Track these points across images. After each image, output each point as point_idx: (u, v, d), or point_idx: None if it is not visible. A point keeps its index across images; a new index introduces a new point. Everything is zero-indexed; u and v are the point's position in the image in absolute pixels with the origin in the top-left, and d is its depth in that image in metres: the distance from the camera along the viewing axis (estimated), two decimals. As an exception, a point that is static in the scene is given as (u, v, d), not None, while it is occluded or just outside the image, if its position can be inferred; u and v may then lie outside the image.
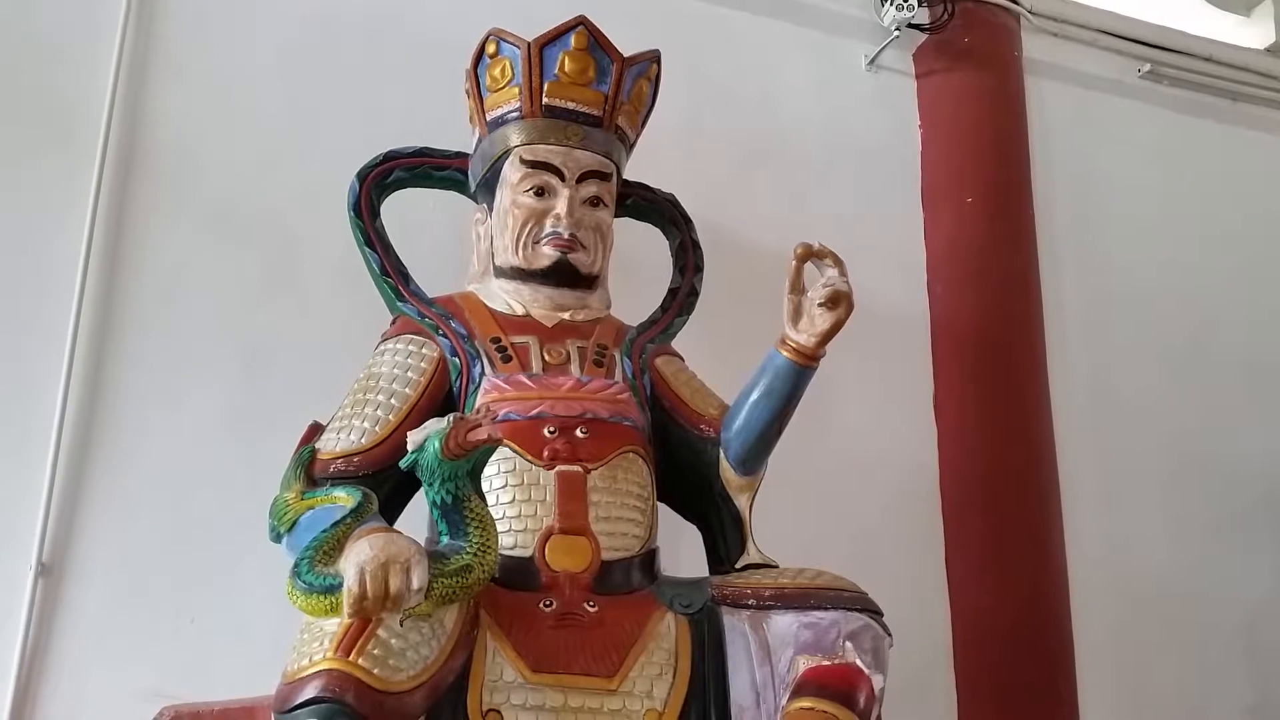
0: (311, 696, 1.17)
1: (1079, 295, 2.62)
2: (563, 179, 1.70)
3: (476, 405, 1.56)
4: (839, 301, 1.51)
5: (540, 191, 1.70)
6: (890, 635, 1.46)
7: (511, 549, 1.47)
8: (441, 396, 1.59)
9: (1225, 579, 2.64)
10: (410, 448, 1.33)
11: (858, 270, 1.57)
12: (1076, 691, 2.32)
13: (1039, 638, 2.29)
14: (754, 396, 1.59)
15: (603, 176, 1.74)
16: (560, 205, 1.69)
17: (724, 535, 1.68)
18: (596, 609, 1.45)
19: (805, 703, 1.36)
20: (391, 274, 1.75)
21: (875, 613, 1.47)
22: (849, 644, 1.40)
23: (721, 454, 1.65)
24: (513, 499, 1.50)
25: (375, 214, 1.79)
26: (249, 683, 1.41)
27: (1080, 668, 2.34)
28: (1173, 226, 2.82)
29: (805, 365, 1.55)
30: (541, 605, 1.44)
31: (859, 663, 1.39)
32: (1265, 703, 2.59)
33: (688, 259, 1.93)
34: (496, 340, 1.65)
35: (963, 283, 2.43)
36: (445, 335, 1.65)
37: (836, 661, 1.39)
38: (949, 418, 2.39)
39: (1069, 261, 2.63)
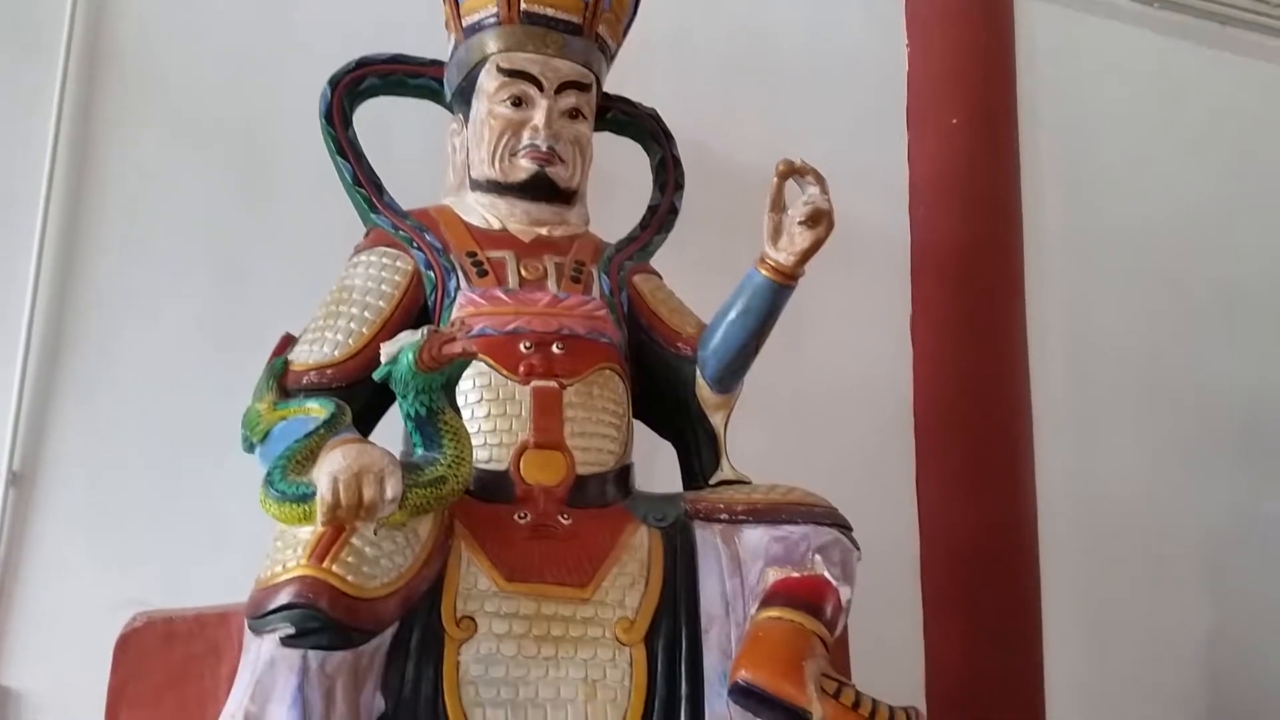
0: (285, 602, 1.19)
1: (1059, 220, 2.62)
2: (541, 89, 1.66)
3: (451, 319, 1.54)
4: (819, 220, 1.49)
5: (517, 102, 1.66)
6: (858, 549, 1.49)
7: (487, 462, 1.48)
8: (416, 310, 1.58)
9: (1191, 505, 2.69)
10: (383, 360, 1.32)
11: (840, 190, 1.55)
12: (1041, 611, 2.38)
13: (1006, 558, 2.34)
14: (731, 315, 1.59)
15: (582, 87, 1.70)
16: (538, 116, 1.66)
17: (699, 452, 1.68)
18: (570, 521, 1.47)
19: (774, 612, 1.39)
20: (364, 184, 1.72)
21: (844, 527, 1.49)
22: (818, 557, 1.43)
23: (698, 372, 1.65)
24: (488, 413, 1.50)
25: (348, 122, 1.75)
26: (225, 592, 1.41)
27: (1045, 588, 2.40)
28: (1157, 152, 2.80)
29: (784, 284, 1.55)
30: (516, 517, 1.45)
31: (827, 575, 1.42)
32: (1225, 625, 2.67)
33: (668, 176, 1.90)
34: (472, 255, 1.63)
35: (945, 205, 2.41)
36: (420, 248, 1.62)
37: (805, 574, 1.42)
38: (925, 340, 2.40)
39: (1051, 185, 2.61)
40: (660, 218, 1.87)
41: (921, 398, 2.38)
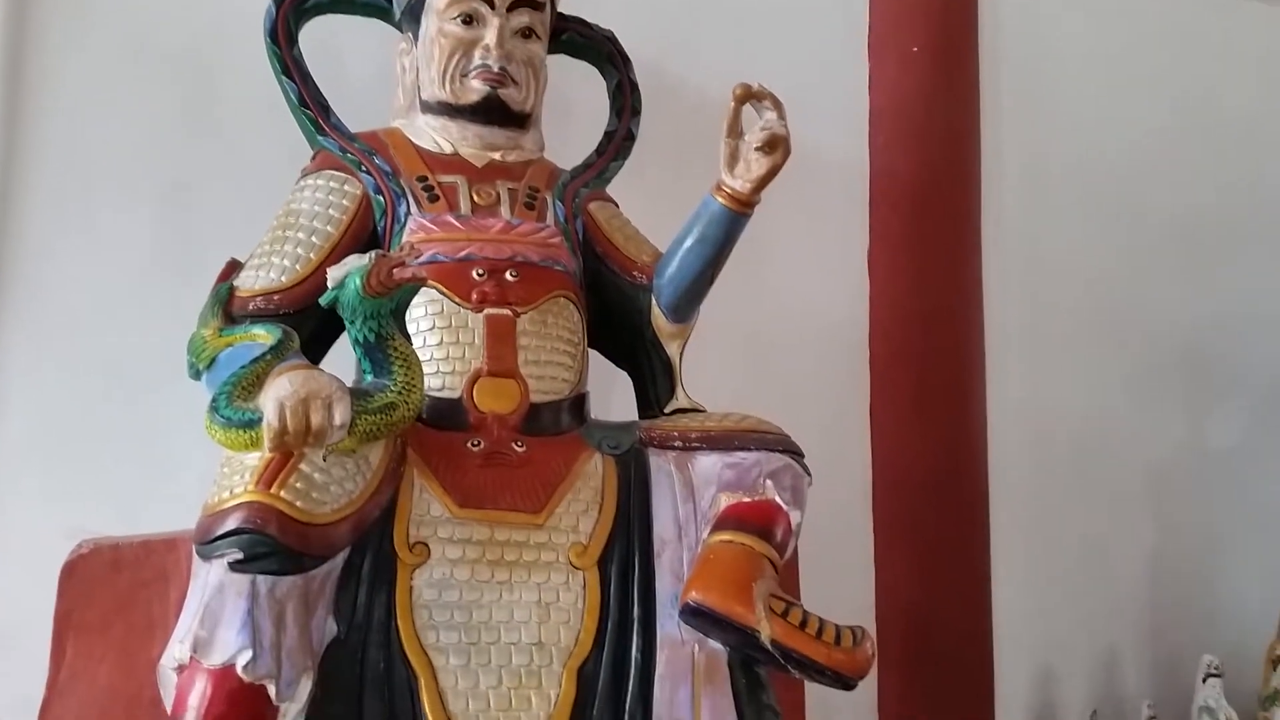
0: (233, 528, 1.18)
1: (1017, 150, 2.60)
2: (492, 6, 1.61)
3: (401, 243, 1.52)
4: (776, 146, 1.48)
5: (468, 19, 1.61)
6: (809, 475, 1.51)
7: (439, 390, 1.47)
8: (365, 236, 1.55)
9: (1137, 435, 2.75)
10: (330, 284, 1.29)
11: (800, 118, 1.53)
12: (989, 536, 2.44)
13: (956, 484, 2.38)
14: (687, 243, 1.58)
15: (535, 5, 1.65)
16: (490, 35, 1.61)
17: (654, 381, 1.68)
18: (525, 449, 1.46)
19: (725, 536, 1.40)
20: (311, 105, 1.67)
21: (796, 453, 1.50)
22: (769, 482, 1.44)
23: (653, 301, 1.64)
24: (440, 341, 1.49)
25: (293, 41, 1.69)
26: (176, 520, 1.40)
27: (994, 514, 2.45)
28: (1116, 82, 2.78)
29: (740, 212, 1.53)
30: (469, 445, 1.45)
31: (778, 499, 1.43)
32: (1166, 550, 2.75)
33: (625, 101, 1.86)
34: (423, 179, 1.59)
35: (904, 135, 2.39)
36: (369, 172, 1.59)
37: (756, 498, 1.43)
38: (882, 270, 2.39)
39: (1010, 115, 2.59)
40: (617, 144, 1.84)
41: (877, 327, 2.39)
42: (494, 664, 1.31)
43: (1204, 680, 2.22)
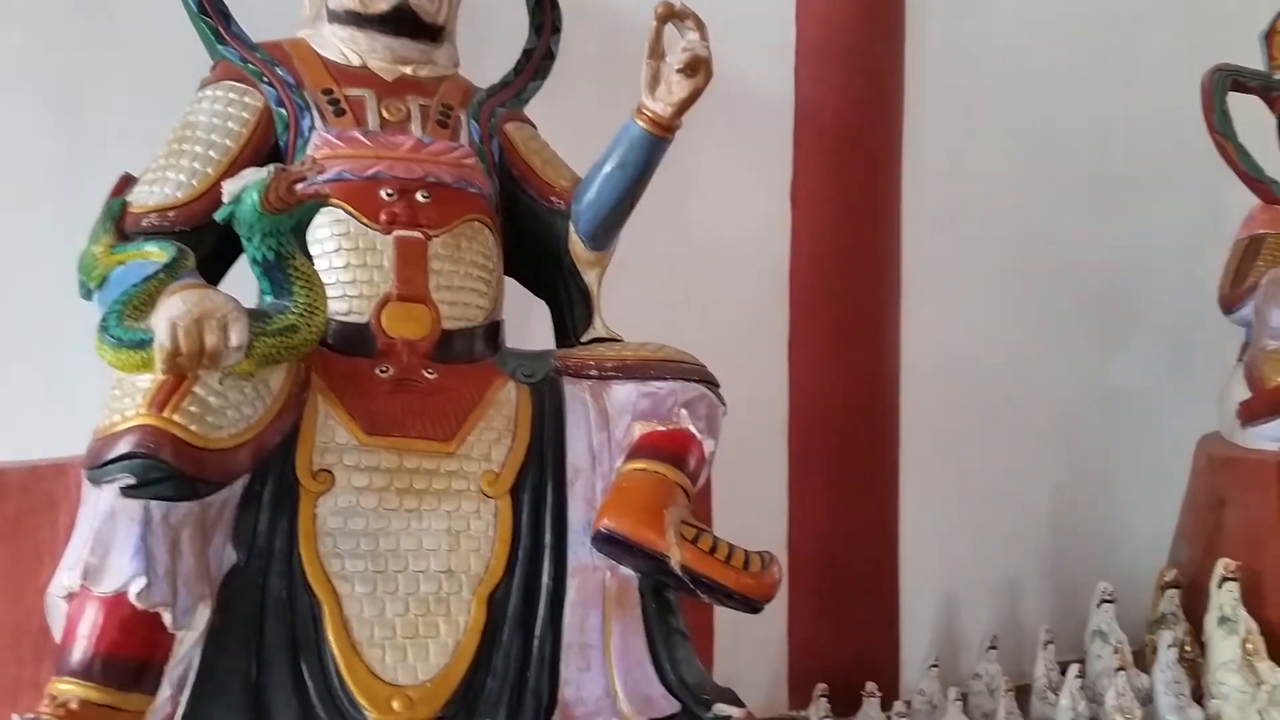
0: (125, 452, 1.14)
1: (941, 87, 2.60)
2: (403, -90, 1.54)
3: (303, 158, 1.45)
4: (698, 68, 1.44)
5: (378, -76, 1.54)
6: (724, 404, 1.51)
7: (346, 315, 1.43)
8: (266, 150, 1.48)
9: (1045, 373, 2.82)
10: (226, 199, 1.24)
11: (726, 48, 1.50)
12: (899, 467, 2.49)
13: (868, 417, 2.41)
14: (607, 168, 1.54)
15: (449, -88, 1.59)
16: (400, -59, 1.54)
17: (571, 310, 1.67)
18: (435, 376, 1.44)
19: (639, 464, 1.41)
20: (211, 13, 1.58)
21: (711, 383, 1.50)
22: (684, 411, 1.44)
23: (571, 227, 1.61)
24: (346, 264, 1.44)
25: (193, -59, 1.60)
26: (67, 446, 1.34)
27: (904, 446, 2.50)
28: (1038, 26, 2.78)
29: (661, 136, 1.50)
30: (378, 371, 1.42)
31: (691, 428, 1.43)
32: (1070, 483, 2.86)
33: (545, 18, 1.81)
34: (329, 92, 1.52)
35: (831, 68, 2.35)
36: (270, 83, 1.51)
37: (670, 427, 1.43)
38: (804, 203, 2.39)
39: (933, 54, 2.58)
40: (535, 63, 1.79)
41: (798, 263, 2.39)
42: (401, 592, 1.30)
43: (1098, 606, 2.32)
